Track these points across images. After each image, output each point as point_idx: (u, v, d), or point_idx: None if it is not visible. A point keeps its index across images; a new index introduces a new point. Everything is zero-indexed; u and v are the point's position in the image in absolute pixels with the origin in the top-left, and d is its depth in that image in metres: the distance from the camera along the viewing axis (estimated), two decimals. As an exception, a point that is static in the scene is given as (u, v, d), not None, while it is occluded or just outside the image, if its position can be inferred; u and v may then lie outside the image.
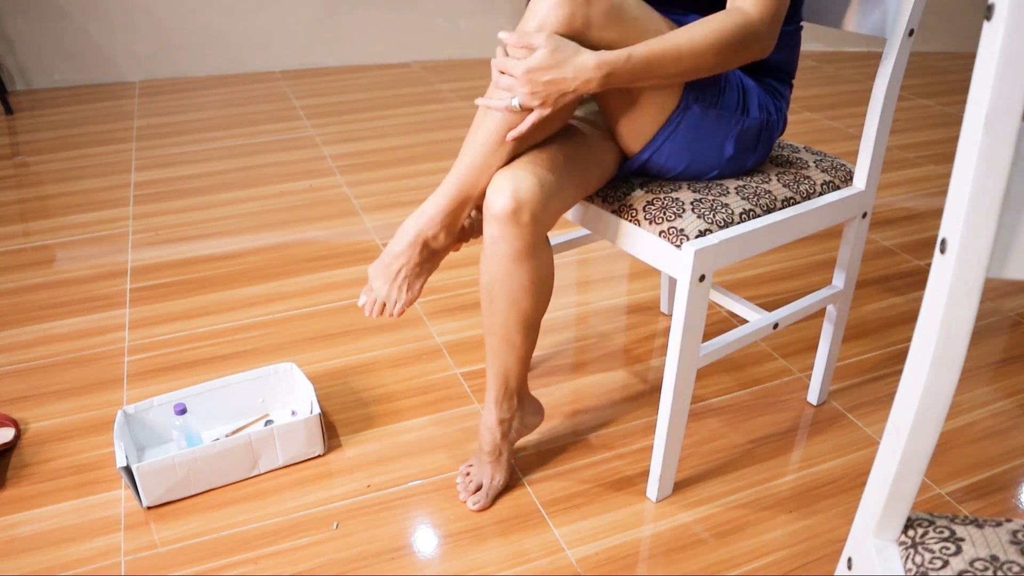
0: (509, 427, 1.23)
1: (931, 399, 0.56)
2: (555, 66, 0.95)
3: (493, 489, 1.24)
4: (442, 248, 1.12)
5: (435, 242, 1.10)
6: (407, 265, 1.10)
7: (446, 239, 1.10)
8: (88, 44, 3.17)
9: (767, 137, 1.17)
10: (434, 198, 1.08)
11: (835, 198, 1.20)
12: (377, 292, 1.13)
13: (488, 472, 1.24)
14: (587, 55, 0.95)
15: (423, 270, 1.12)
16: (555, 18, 0.96)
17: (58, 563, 1.14)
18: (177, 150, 2.59)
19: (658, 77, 0.99)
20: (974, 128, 0.48)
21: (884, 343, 1.64)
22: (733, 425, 1.41)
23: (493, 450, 1.23)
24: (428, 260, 1.12)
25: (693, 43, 0.97)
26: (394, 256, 1.10)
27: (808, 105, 3.12)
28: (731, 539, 1.18)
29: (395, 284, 1.11)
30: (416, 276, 1.12)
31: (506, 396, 1.19)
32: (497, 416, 1.21)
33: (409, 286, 1.12)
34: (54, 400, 1.46)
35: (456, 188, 1.06)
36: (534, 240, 1.05)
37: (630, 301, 1.78)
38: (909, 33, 1.12)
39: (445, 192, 1.07)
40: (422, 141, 2.68)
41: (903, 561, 0.61)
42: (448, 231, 1.09)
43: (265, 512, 1.22)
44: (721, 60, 1.00)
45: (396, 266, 1.10)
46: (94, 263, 1.92)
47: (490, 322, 1.13)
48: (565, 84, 0.96)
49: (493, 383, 1.18)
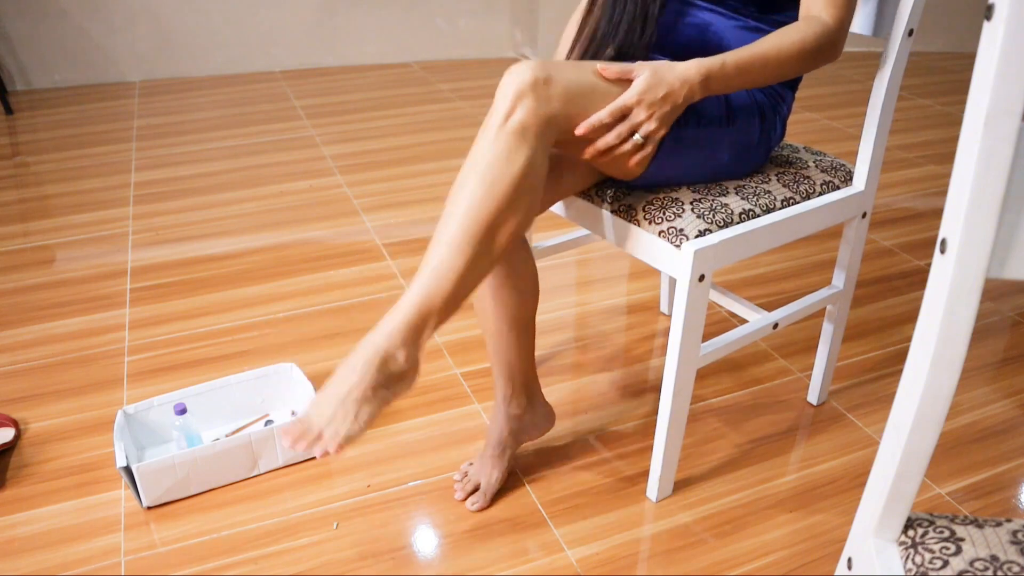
0: (519, 424, 1.23)
1: (931, 399, 0.56)
2: (661, 81, 1.00)
3: (491, 488, 1.24)
4: (399, 373, 0.94)
5: (394, 364, 0.93)
6: (358, 387, 0.92)
7: (406, 362, 0.94)
8: (88, 44, 3.17)
9: (764, 142, 1.18)
10: (392, 312, 0.95)
11: (835, 198, 1.20)
12: (313, 419, 0.92)
13: (487, 470, 1.24)
14: (684, 64, 1.01)
15: (375, 397, 0.93)
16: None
17: (58, 563, 1.14)
18: (177, 150, 2.59)
19: (748, 82, 1.05)
20: (974, 128, 0.48)
21: (884, 343, 1.64)
22: (733, 425, 1.41)
23: (498, 444, 1.23)
24: (383, 386, 0.93)
25: (779, 51, 1.04)
26: (343, 377, 0.93)
27: (808, 105, 3.12)
28: (731, 539, 1.18)
29: (341, 408, 0.92)
30: (366, 401, 0.92)
31: (514, 393, 1.20)
32: (506, 412, 1.21)
33: (356, 414, 0.92)
34: (54, 400, 1.46)
35: (419, 297, 0.93)
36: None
37: (630, 301, 1.78)
38: (909, 33, 1.12)
39: (407, 302, 0.94)
40: (422, 141, 2.68)
41: (903, 561, 0.61)
42: (408, 351, 0.94)
43: (265, 512, 1.22)
44: (802, 66, 1.06)
45: (345, 387, 0.92)
46: (94, 263, 1.92)
47: (483, 322, 1.13)
48: (675, 95, 1.00)
49: (499, 380, 1.19)
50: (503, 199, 0.95)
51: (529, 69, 0.96)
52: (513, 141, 0.95)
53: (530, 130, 0.95)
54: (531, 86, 0.95)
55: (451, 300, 0.95)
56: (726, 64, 1.02)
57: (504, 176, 0.94)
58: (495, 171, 0.94)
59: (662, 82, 1.00)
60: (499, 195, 0.94)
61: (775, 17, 1.13)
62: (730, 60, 1.02)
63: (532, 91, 0.95)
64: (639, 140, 1.02)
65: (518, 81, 0.95)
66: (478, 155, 0.96)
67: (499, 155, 0.95)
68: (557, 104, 0.96)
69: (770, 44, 1.04)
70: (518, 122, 0.95)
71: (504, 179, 0.94)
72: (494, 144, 0.95)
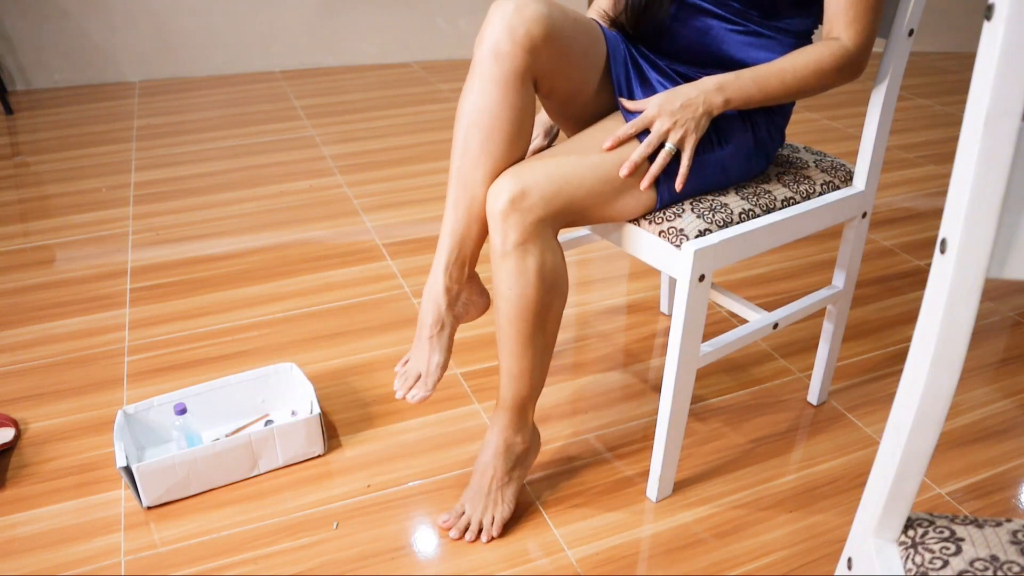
0: (456, 298, 1.14)
1: (931, 399, 0.56)
2: (676, 93, 1.05)
3: (432, 375, 1.14)
4: (523, 453, 1.18)
5: (516, 447, 1.16)
6: (495, 478, 1.16)
7: (524, 442, 1.17)
8: (88, 44, 3.17)
9: (762, 152, 1.18)
10: (496, 412, 1.15)
11: (835, 198, 1.20)
12: (470, 514, 1.18)
13: (426, 354, 1.14)
14: (699, 80, 1.07)
15: (513, 478, 1.18)
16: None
17: (58, 563, 1.14)
18: (177, 150, 2.59)
19: (767, 96, 1.08)
20: (974, 128, 0.48)
21: (884, 343, 1.65)
22: (733, 425, 1.41)
23: (435, 323, 1.13)
24: (514, 467, 1.18)
25: (796, 70, 1.07)
26: (481, 473, 1.17)
27: (808, 105, 3.12)
28: (731, 539, 1.18)
29: (489, 499, 1.17)
30: (506, 485, 1.17)
31: (457, 262, 1.12)
32: (444, 284, 1.12)
33: (503, 498, 1.17)
34: (54, 400, 1.46)
35: (510, 398, 1.12)
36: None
37: (630, 301, 1.78)
38: (909, 33, 1.12)
39: (504, 403, 1.13)
40: (422, 141, 2.68)
41: (903, 561, 0.61)
42: (522, 434, 1.16)
43: (265, 512, 1.22)
44: (821, 84, 1.08)
45: (486, 481, 1.17)
46: (94, 263, 1.92)
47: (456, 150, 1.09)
48: (693, 102, 1.05)
49: (447, 243, 1.11)
50: (534, 306, 1.06)
51: (505, 189, 1.02)
52: (518, 257, 1.04)
53: (528, 242, 1.03)
54: (511, 205, 1.02)
55: (534, 386, 1.13)
56: (741, 76, 1.07)
57: (526, 289, 1.05)
58: (516, 289, 1.05)
59: (678, 94, 1.05)
60: (528, 305, 1.06)
61: (777, 23, 1.13)
62: (746, 73, 1.07)
63: (514, 210, 1.02)
64: (671, 149, 1.05)
65: (499, 204, 1.02)
66: (497, 279, 1.06)
67: (513, 274, 1.04)
68: (541, 209, 1.03)
69: (788, 61, 1.08)
70: (513, 242, 1.03)
71: (527, 291, 1.05)
72: (504, 267, 1.04)
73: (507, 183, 1.03)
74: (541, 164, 1.05)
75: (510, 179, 1.03)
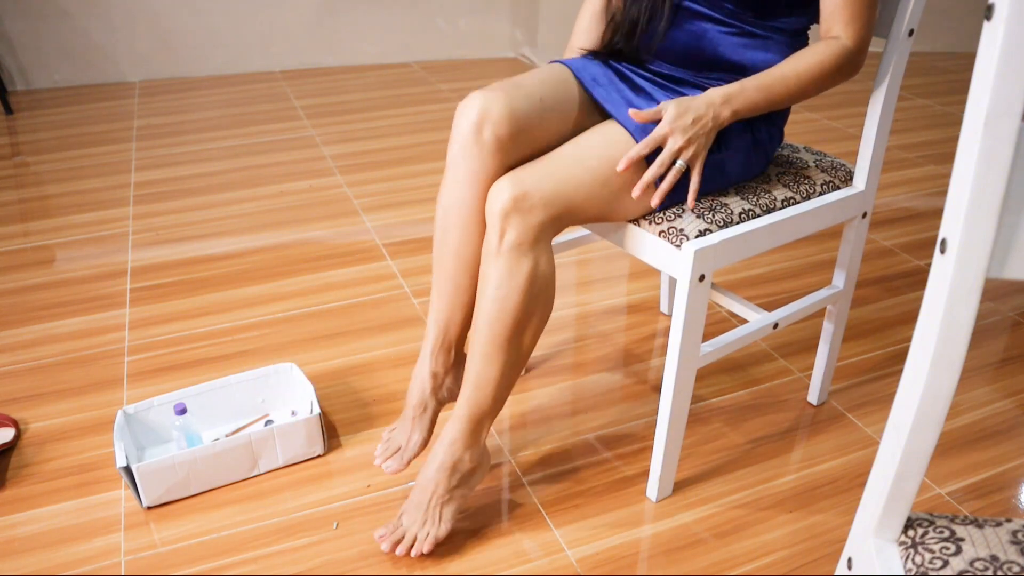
0: (441, 384, 1.19)
1: (931, 399, 0.56)
2: (688, 108, 1.04)
3: (409, 452, 1.18)
4: (470, 472, 1.13)
5: (462, 465, 1.12)
6: (436, 493, 1.11)
7: (471, 461, 1.12)
8: (88, 44, 3.17)
9: (761, 152, 1.18)
10: (450, 422, 1.11)
11: (835, 198, 1.20)
12: (406, 526, 1.12)
13: (407, 432, 1.19)
14: (706, 92, 1.07)
15: (454, 497, 1.13)
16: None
17: (58, 563, 1.14)
18: (177, 150, 2.59)
19: (772, 102, 1.08)
20: (974, 128, 0.48)
21: (884, 343, 1.65)
22: (733, 425, 1.41)
23: (419, 404, 1.19)
24: (458, 486, 1.13)
25: (798, 73, 1.07)
26: (422, 487, 1.12)
27: (808, 105, 3.12)
28: (731, 539, 1.18)
29: (428, 513, 1.12)
30: (447, 504, 1.12)
31: (443, 348, 1.17)
32: (430, 368, 1.17)
33: (441, 516, 1.12)
34: (54, 400, 1.46)
35: (468, 408, 1.10)
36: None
37: (630, 301, 1.78)
38: (909, 33, 1.12)
39: (459, 413, 1.10)
40: (422, 141, 2.68)
41: (903, 561, 0.61)
42: (472, 452, 1.12)
43: (265, 512, 1.22)
44: (823, 84, 1.09)
45: (426, 496, 1.11)
46: (94, 263, 1.92)
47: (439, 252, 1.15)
48: (704, 118, 1.05)
49: (433, 331, 1.17)
50: (517, 310, 1.05)
51: (506, 189, 1.02)
52: (513, 258, 1.04)
53: (525, 244, 1.03)
54: (513, 205, 1.02)
55: (496, 401, 1.11)
56: (746, 86, 1.07)
57: (513, 291, 1.04)
58: (503, 289, 1.04)
59: (689, 109, 1.05)
60: (512, 308, 1.05)
61: (772, 23, 1.13)
62: (750, 82, 1.07)
63: (515, 210, 1.02)
64: (682, 166, 1.05)
65: (500, 203, 1.03)
66: (485, 277, 1.06)
67: (503, 274, 1.04)
68: (541, 212, 1.03)
69: (790, 66, 1.08)
70: (512, 241, 1.03)
71: (513, 294, 1.04)
72: (496, 265, 1.04)
73: (508, 185, 1.03)
74: (541, 168, 1.05)
75: (511, 181, 1.03)
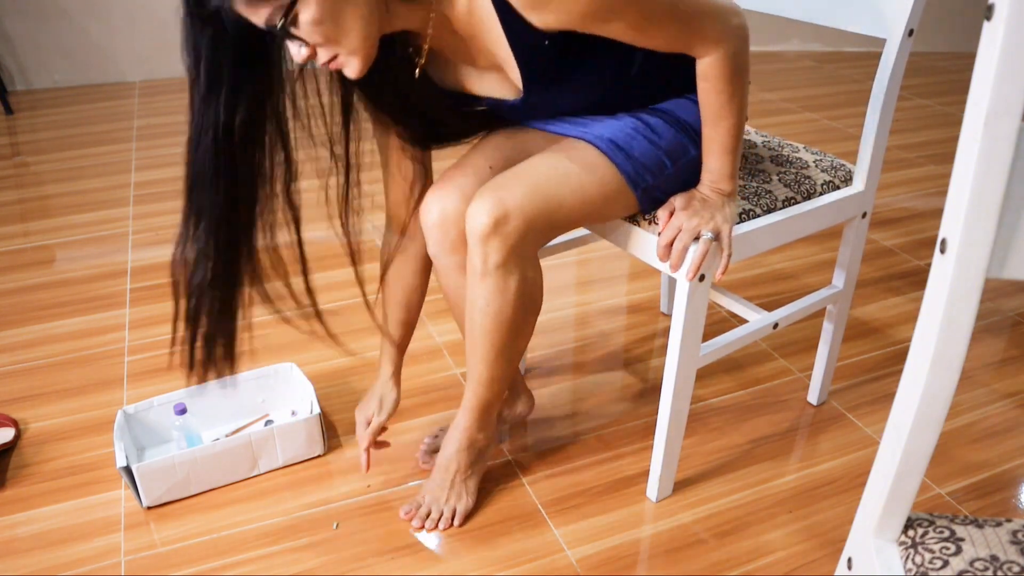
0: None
1: (931, 399, 0.56)
2: (692, 194, 1.07)
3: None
4: (485, 448, 1.21)
5: (478, 443, 1.19)
6: (458, 471, 1.20)
7: (486, 439, 1.20)
8: (88, 44, 3.17)
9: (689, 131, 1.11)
10: (460, 413, 1.17)
11: (835, 198, 1.20)
12: (431, 504, 1.20)
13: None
14: (701, 177, 1.07)
15: (474, 471, 1.22)
16: None
17: (58, 563, 1.14)
18: (177, 150, 2.59)
19: (738, 141, 1.04)
20: (974, 128, 0.48)
21: (884, 343, 1.65)
22: (733, 425, 1.41)
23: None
24: (476, 462, 1.21)
25: (722, 105, 1.01)
26: (443, 466, 1.20)
27: (808, 105, 3.12)
28: (731, 539, 1.18)
29: (452, 490, 1.20)
30: (469, 478, 1.21)
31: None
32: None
33: (465, 490, 1.21)
34: (54, 400, 1.46)
35: (474, 400, 1.15)
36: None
37: (630, 301, 1.78)
38: (909, 33, 1.12)
39: (467, 405, 1.16)
40: (422, 141, 2.67)
41: (903, 561, 0.61)
42: (485, 432, 1.19)
43: (265, 512, 1.22)
44: (741, 83, 1.01)
45: (448, 474, 1.20)
46: (94, 263, 1.92)
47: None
48: (712, 198, 1.06)
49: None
50: (512, 321, 1.06)
51: (485, 212, 1.00)
52: (499, 277, 1.03)
53: (510, 261, 1.02)
54: (492, 228, 1.00)
55: (501, 391, 1.15)
56: (709, 155, 1.05)
57: (505, 305, 1.05)
58: (495, 305, 1.05)
59: (694, 195, 1.06)
60: (507, 320, 1.06)
61: (628, 81, 1.07)
62: (712, 148, 1.04)
63: (495, 233, 1.00)
64: (709, 237, 1.04)
65: (479, 227, 1.00)
66: (474, 296, 1.05)
67: (492, 291, 1.04)
68: (523, 232, 1.01)
69: (710, 109, 1.01)
70: (495, 262, 1.02)
71: (506, 308, 1.05)
72: (483, 285, 1.04)
73: (487, 206, 0.99)
74: (520, 185, 1.00)
75: (490, 201, 0.99)
